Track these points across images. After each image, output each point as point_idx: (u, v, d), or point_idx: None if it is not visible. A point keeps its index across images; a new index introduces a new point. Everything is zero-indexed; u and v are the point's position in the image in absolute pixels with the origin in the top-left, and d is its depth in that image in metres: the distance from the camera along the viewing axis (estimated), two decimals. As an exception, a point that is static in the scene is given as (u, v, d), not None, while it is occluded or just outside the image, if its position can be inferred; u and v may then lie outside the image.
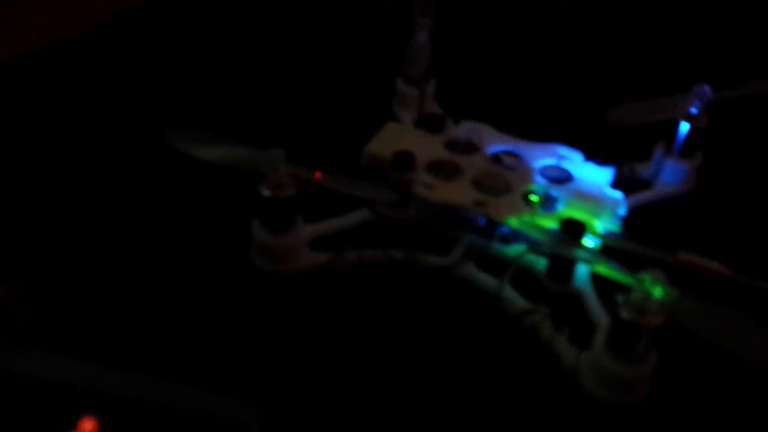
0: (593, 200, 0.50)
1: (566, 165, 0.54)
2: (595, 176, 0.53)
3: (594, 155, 0.54)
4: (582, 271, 0.47)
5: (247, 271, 0.48)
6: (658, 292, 0.38)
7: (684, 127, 0.54)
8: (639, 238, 0.49)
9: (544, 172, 0.53)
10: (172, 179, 0.55)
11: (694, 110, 0.54)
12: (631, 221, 0.51)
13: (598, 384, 0.41)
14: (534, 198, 0.50)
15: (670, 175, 0.56)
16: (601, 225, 0.49)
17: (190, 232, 0.51)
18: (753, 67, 0.70)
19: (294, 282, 0.47)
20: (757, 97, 0.55)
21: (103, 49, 0.69)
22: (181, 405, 0.38)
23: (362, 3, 0.78)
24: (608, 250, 0.48)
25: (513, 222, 0.48)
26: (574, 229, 0.46)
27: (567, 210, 0.49)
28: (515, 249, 0.49)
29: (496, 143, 0.55)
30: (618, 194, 0.51)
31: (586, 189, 0.51)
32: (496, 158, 0.54)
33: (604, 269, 0.45)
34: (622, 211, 0.51)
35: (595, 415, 0.41)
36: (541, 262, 0.48)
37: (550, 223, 0.48)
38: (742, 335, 0.39)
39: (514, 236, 0.49)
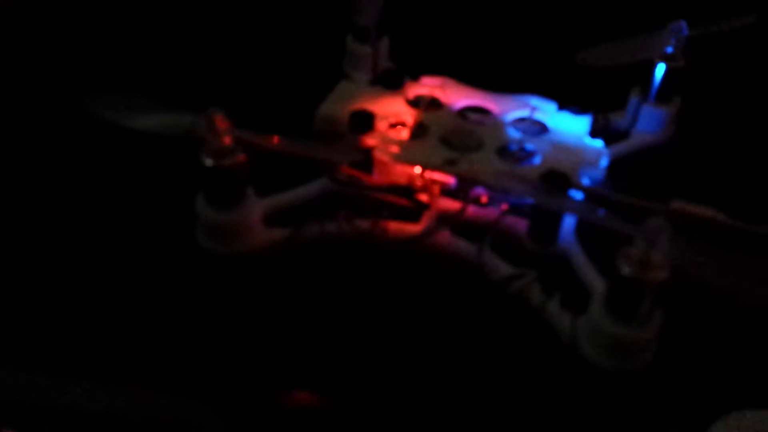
0: (574, 151, 0.49)
1: (539, 116, 0.51)
2: (572, 126, 0.51)
3: (566, 104, 0.52)
4: (567, 229, 0.45)
5: (193, 254, 0.45)
6: (662, 242, 0.35)
7: (660, 68, 0.52)
8: (619, 190, 0.47)
9: (517, 124, 0.51)
10: (96, 153, 0.51)
11: (669, 49, 0.52)
12: (608, 173, 0.49)
13: (598, 351, 0.39)
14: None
15: (647, 122, 0.54)
16: (584, 177, 0.47)
17: (122, 214, 0.47)
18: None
19: (248, 264, 0.44)
20: (738, 32, 0.52)
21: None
22: (121, 410, 0.35)
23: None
24: (594, 202, 0.45)
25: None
26: (557, 182, 0.44)
27: (546, 163, 0.47)
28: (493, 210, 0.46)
29: (462, 98, 0.53)
30: (599, 143, 0.50)
31: (564, 140, 0.50)
32: (462, 114, 0.52)
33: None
34: (605, 161, 0.49)
35: (595, 385, 0.39)
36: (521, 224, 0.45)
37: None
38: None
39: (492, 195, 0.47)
